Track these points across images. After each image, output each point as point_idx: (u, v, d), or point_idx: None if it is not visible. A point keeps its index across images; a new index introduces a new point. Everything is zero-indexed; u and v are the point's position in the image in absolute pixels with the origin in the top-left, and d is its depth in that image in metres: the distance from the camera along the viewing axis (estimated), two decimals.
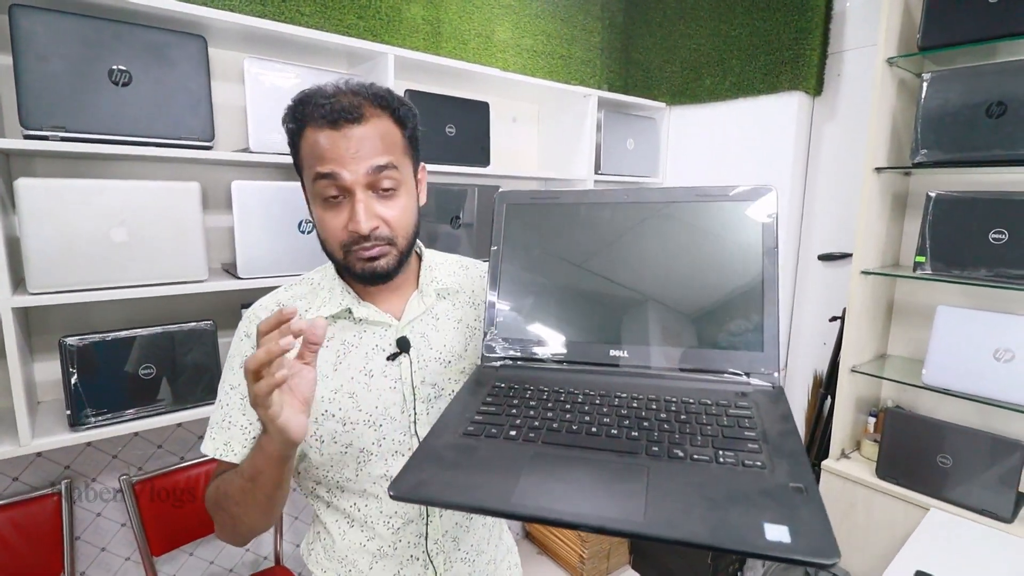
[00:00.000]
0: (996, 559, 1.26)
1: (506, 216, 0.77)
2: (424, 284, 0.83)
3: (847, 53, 1.92)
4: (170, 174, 1.45)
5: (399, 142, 0.75)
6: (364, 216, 0.71)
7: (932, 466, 1.49)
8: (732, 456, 0.54)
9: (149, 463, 1.55)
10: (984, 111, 1.41)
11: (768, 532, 0.45)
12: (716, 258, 0.69)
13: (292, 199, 1.42)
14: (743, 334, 0.66)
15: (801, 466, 0.52)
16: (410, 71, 1.72)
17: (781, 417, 0.59)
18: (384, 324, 0.80)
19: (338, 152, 0.69)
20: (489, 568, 0.89)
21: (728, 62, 2.10)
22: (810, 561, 0.42)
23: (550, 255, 0.75)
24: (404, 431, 0.78)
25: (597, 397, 0.65)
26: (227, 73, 1.50)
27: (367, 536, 0.80)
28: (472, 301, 0.87)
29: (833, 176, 2.00)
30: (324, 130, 0.70)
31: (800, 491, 0.48)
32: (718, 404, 0.62)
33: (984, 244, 1.41)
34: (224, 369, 0.79)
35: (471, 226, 1.83)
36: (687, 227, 0.70)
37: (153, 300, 1.28)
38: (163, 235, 1.25)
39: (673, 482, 0.51)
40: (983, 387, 1.42)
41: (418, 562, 0.80)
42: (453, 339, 0.83)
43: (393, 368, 0.78)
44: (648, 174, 2.34)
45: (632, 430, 0.59)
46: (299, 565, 1.87)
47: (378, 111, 0.72)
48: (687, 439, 0.57)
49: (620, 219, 0.73)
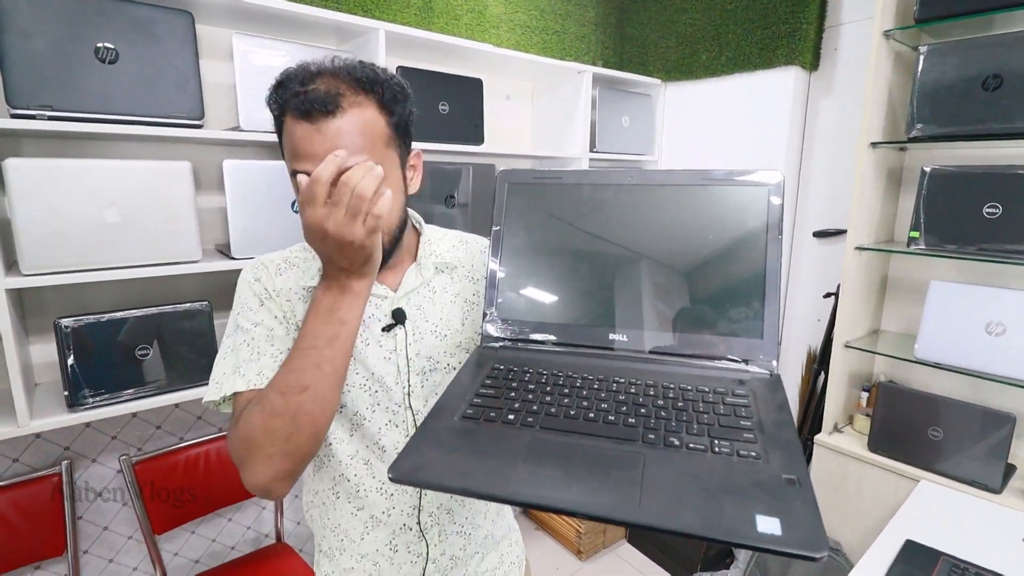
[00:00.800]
0: (985, 528, 1.28)
1: (508, 195, 0.76)
2: (422, 258, 0.83)
3: (844, 27, 1.90)
4: (160, 154, 1.44)
5: (381, 133, 0.69)
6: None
7: (923, 439, 1.51)
8: (727, 446, 0.54)
9: (148, 444, 1.56)
10: (980, 84, 1.40)
11: (760, 524, 0.46)
12: (719, 243, 0.68)
13: (285, 178, 1.40)
14: (743, 321, 0.66)
15: (795, 457, 0.52)
16: (402, 47, 1.69)
17: (777, 406, 0.60)
18: (380, 296, 0.79)
19: (312, 148, 0.65)
20: (487, 543, 0.90)
21: (724, 37, 2.07)
22: (798, 553, 0.44)
23: (551, 236, 0.74)
24: (398, 402, 0.78)
25: (595, 381, 0.65)
26: (216, 50, 1.48)
27: (357, 506, 0.80)
28: (471, 276, 0.86)
29: (829, 152, 1.99)
30: (300, 122, 0.65)
31: (793, 483, 0.49)
32: (715, 391, 0.62)
33: (978, 218, 1.42)
34: (234, 314, 0.77)
35: (466, 206, 1.83)
36: (691, 211, 0.69)
37: (147, 281, 1.28)
38: (155, 215, 1.24)
39: (668, 471, 0.52)
40: (975, 361, 1.44)
41: (411, 532, 0.81)
42: (450, 313, 0.82)
43: (388, 339, 0.78)
44: (643, 152, 2.32)
45: (629, 416, 0.59)
46: (301, 542, 1.90)
47: (360, 98, 0.67)
48: (683, 427, 0.57)
49: (623, 201, 0.72)
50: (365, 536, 0.81)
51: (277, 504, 1.71)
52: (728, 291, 0.67)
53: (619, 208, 0.72)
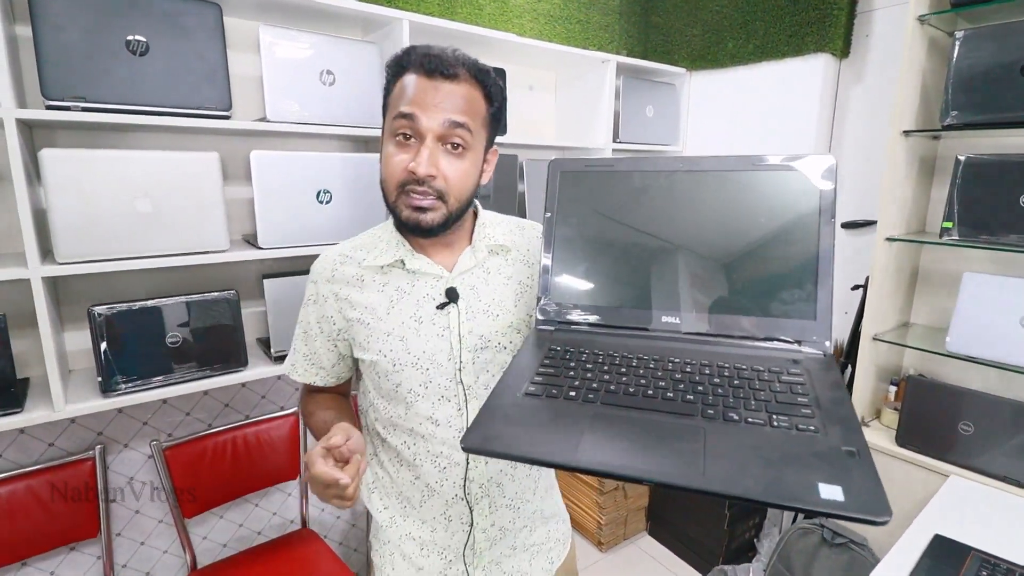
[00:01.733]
0: (1016, 524, 1.26)
1: (560, 183, 0.78)
2: (477, 240, 0.87)
3: (876, 12, 1.85)
4: (188, 145, 1.46)
5: (481, 111, 0.79)
6: (426, 161, 0.75)
7: (953, 433, 1.48)
8: (786, 420, 0.55)
9: (178, 430, 1.59)
10: (1019, 70, 1.35)
11: (823, 491, 0.46)
12: (771, 227, 0.68)
13: (310, 169, 1.42)
14: (796, 303, 0.66)
15: (853, 431, 0.53)
16: (425, 37, 1.69)
17: (833, 384, 0.60)
18: (435, 275, 0.84)
19: (423, 98, 0.74)
20: (535, 518, 0.93)
21: (752, 24, 2.03)
22: (862, 518, 0.44)
23: (604, 222, 0.75)
24: (450, 377, 0.82)
25: (651, 361, 0.66)
26: (243, 42, 1.50)
27: (415, 474, 0.86)
28: (526, 260, 0.90)
29: (859, 142, 1.94)
30: (419, 76, 0.75)
31: (852, 455, 0.50)
32: (770, 370, 0.63)
33: (1014, 208, 1.38)
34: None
35: (488, 197, 1.82)
36: (742, 195, 0.70)
37: (177, 270, 1.30)
38: (185, 206, 1.26)
39: (729, 443, 0.53)
40: (1008, 354, 1.40)
41: (463, 502, 0.86)
42: (503, 294, 0.86)
43: (442, 317, 0.82)
44: (668, 142, 2.30)
45: (687, 393, 0.60)
46: (325, 529, 1.93)
47: (472, 80, 0.77)
48: (741, 403, 0.58)
49: (674, 187, 0.73)
50: (423, 504, 0.87)
51: (302, 490, 1.74)
52: (781, 274, 0.67)
53: (670, 194, 0.73)
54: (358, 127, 1.50)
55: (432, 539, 0.88)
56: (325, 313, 0.87)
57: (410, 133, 0.76)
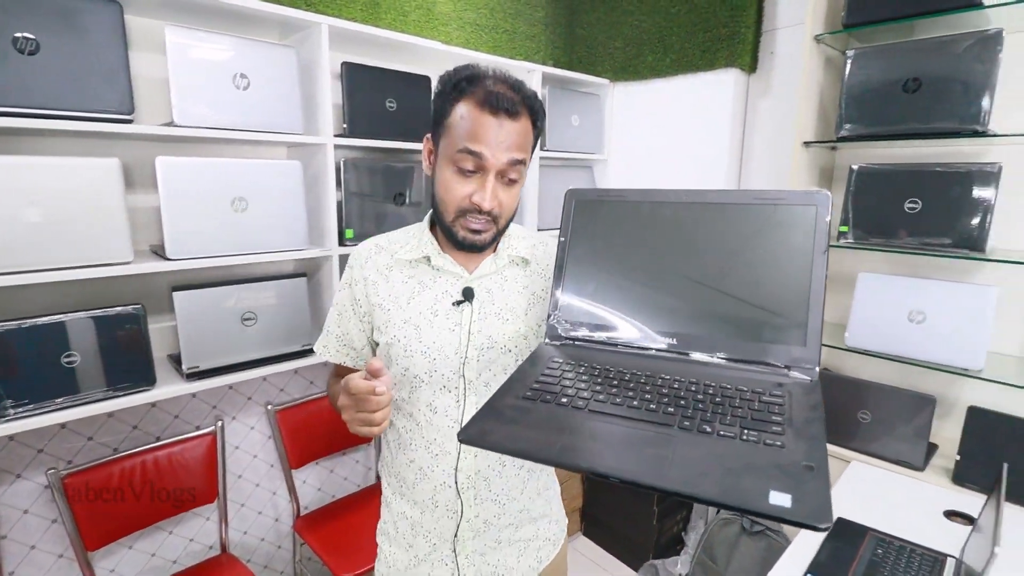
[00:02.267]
0: (909, 504, 1.37)
1: (574, 211, 0.84)
2: (500, 250, 0.94)
3: (779, 31, 1.98)
4: (89, 151, 1.36)
5: (531, 141, 0.87)
6: (491, 196, 0.82)
7: (854, 422, 1.59)
8: (755, 435, 0.59)
9: (79, 456, 1.48)
10: (902, 87, 1.48)
11: (772, 497, 0.50)
12: (767, 257, 0.73)
13: (224, 176, 1.36)
14: (788, 330, 0.70)
15: (817, 449, 0.57)
16: (347, 42, 1.67)
17: (811, 406, 0.64)
18: (456, 275, 0.91)
19: (490, 137, 0.80)
20: (522, 517, 0.98)
21: (668, 39, 2.13)
22: (805, 523, 0.48)
23: (612, 248, 0.81)
24: (454, 370, 0.88)
25: (643, 377, 0.71)
26: (148, 43, 1.42)
27: (410, 457, 0.93)
28: (543, 273, 0.96)
29: (767, 152, 2.07)
30: (484, 113, 0.80)
31: (810, 469, 0.54)
32: (753, 391, 0.67)
33: (901, 213, 1.51)
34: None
35: (418, 204, 1.81)
36: (742, 227, 0.75)
37: (75, 284, 1.22)
38: (82, 215, 1.18)
39: (697, 451, 0.58)
40: (899, 347, 1.53)
41: (450, 490, 0.91)
42: (515, 301, 0.92)
43: (455, 313, 0.89)
44: (593, 151, 2.36)
45: (669, 406, 0.65)
46: (247, 552, 1.84)
47: (525, 112, 0.84)
48: (717, 418, 0.63)
49: (680, 217, 0.78)
50: (416, 486, 0.93)
51: (221, 514, 1.66)
52: (774, 302, 0.72)
53: (675, 224, 0.78)
54: (276, 132, 1.45)
55: (421, 521, 0.94)
56: (356, 296, 0.94)
57: (474, 168, 0.82)
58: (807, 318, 0.69)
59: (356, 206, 1.66)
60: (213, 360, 1.42)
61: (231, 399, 1.73)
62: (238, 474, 1.79)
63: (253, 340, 1.48)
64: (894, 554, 1.15)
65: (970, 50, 1.38)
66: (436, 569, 0.95)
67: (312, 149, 1.60)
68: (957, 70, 1.40)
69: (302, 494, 1.93)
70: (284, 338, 1.54)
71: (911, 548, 1.17)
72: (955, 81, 1.41)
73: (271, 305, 1.50)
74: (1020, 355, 1.58)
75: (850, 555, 1.15)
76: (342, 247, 1.63)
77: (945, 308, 1.46)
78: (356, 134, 1.64)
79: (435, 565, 0.95)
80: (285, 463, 1.79)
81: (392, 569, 0.99)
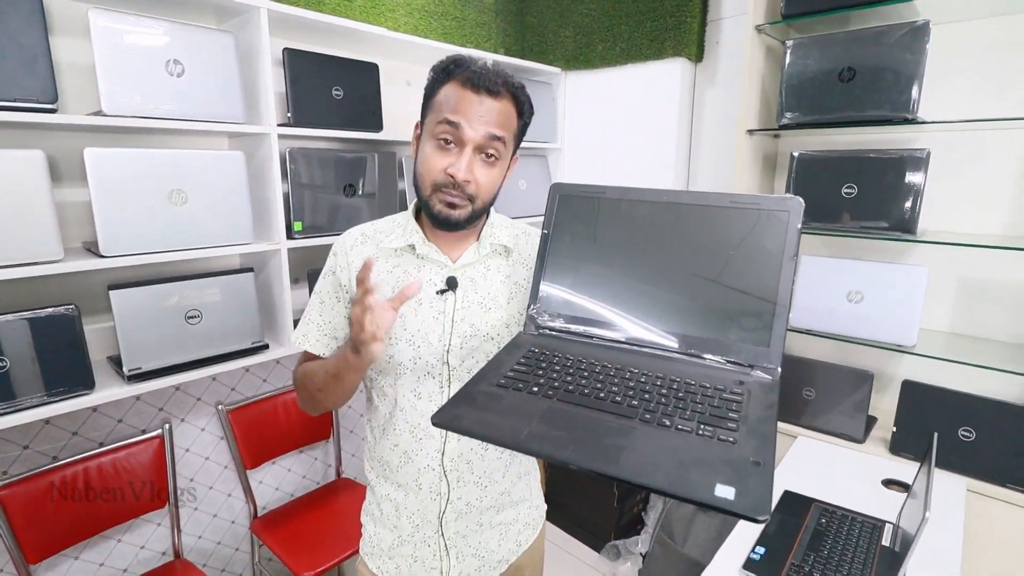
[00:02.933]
0: (851, 474, 1.44)
1: (558, 204, 0.87)
2: (483, 238, 0.95)
3: (724, 21, 2.02)
4: (8, 142, 1.28)
5: (514, 126, 0.89)
6: (465, 167, 0.84)
7: (799, 399, 1.66)
8: (710, 430, 0.63)
9: (15, 466, 1.40)
10: (837, 76, 1.54)
11: (718, 490, 0.54)
12: (738, 259, 0.75)
13: (160, 168, 1.30)
14: (753, 331, 0.73)
15: (767, 446, 0.60)
16: (288, 28, 1.61)
17: (767, 405, 0.67)
18: (440, 263, 0.92)
19: (469, 110, 0.83)
20: (503, 499, 1.00)
21: (618, 28, 2.14)
22: (744, 515, 0.52)
23: (591, 243, 0.84)
24: (438, 358, 0.91)
25: (612, 370, 0.74)
26: (72, 27, 1.34)
27: (394, 442, 0.95)
28: (526, 263, 0.97)
29: (714, 139, 2.12)
30: (466, 90, 0.83)
31: (757, 465, 0.57)
32: (715, 387, 0.70)
33: (839, 198, 1.57)
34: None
35: (372, 195, 1.78)
36: (716, 228, 0.77)
37: (5, 285, 1.15)
38: (5, 212, 1.12)
39: (654, 443, 0.61)
40: (839, 326, 1.60)
41: (434, 472, 0.94)
42: (498, 290, 0.94)
43: (439, 302, 0.91)
44: (547, 139, 2.37)
45: (633, 399, 0.68)
46: (203, 556, 1.79)
47: (508, 95, 0.86)
48: (677, 412, 0.66)
49: (657, 216, 0.81)
50: (399, 469, 0.95)
51: (173, 519, 1.60)
52: (742, 303, 0.74)
53: (652, 222, 0.81)
54: (215, 122, 1.40)
55: (405, 503, 0.96)
56: (342, 283, 0.95)
57: (452, 139, 0.84)
58: (772, 320, 0.72)
59: (304, 198, 1.62)
60: (157, 361, 1.37)
61: (179, 400, 1.67)
62: (189, 477, 1.73)
63: (199, 338, 1.43)
64: (837, 522, 1.21)
65: (900, 41, 1.44)
66: (419, 550, 0.98)
67: (255, 139, 1.55)
68: (889, 60, 1.46)
69: (259, 494, 1.89)
70: (232, 336, 1.49)
71: (852, 516, 1.23)
72: (887, 70, 1.47)
73: (216, 302, 1.45)
74: (949, 331, 1.68)
75: (796, 526, 1.21)
76: (290, 240, 1.59)
77: (881, 288, 1.53)
78: (301, 123, 1.59)
79: (418, 546, 0.98)
80: (240, 464, 1.75)
81: (376, 549, 1.01)
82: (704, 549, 1.76)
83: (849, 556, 1.10)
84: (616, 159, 2.28)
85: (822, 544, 1.14)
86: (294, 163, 1.58)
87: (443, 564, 0.98)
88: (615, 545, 2.12)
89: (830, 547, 1.13)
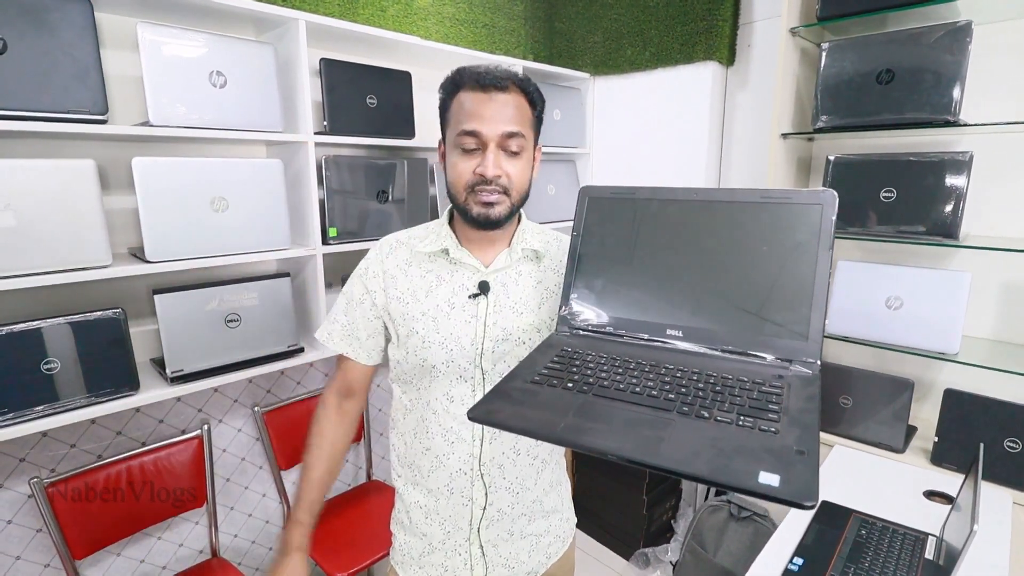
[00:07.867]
0: (890, 486, 1.40)
1: (587, 207, 0.87)
2: (515, 243, 0.96)
3: (756, 24, 2.00)
4: (64, 152, 1.34)
5: (529, 117, 0.90)
6: (492, 164, 0.85)
7: (836, 407, 1.63)
8: (751, 421, 0.61)
9: (62, 464, 1.45)
10: (875, 78, 1.51)
11: (762, 477, 0.52)
12: (774, 254, 0.74)
13: (203, 176, 1.34)
14: (791, 324, 0.72)
15: (810, 436, 0.58)
16: (324, 39, 1.65)
17: (808, 397, 0.65)
18: (473, 268, 0.93)
19: (482, 111, 0.84)
20: (535, 508, 1.00)
21: (647, 32, 2.14)
22: (792, 501, 0.50)
23: (623, 243, 0.84)
24: (470, 361, 0.91)
25: (647, 366, 0.73)
26: (121, 41, 1.39)
27: (426, 446, 0.95)
28: (556, 268, 0.98)
29: (746, 143, 2.10)
30: (476, 92, 0.85)
31: (801, 453, 0.55)
32: (754, 381, 0.68)
33: (876, 202, 1.54)
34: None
35: (402, 201, 1.80)
36: (750, 224, 0.76)
37: (54, 289, 1.19)
38: (57, 218, 1.16)
39: (693, 433, 0.60)
40: (878, 333, 1.56)
41: (466, 477, 0.93)
42: (529, 295, 0.95)
43: (472, 306, 0.92)
44: (575, 144, 2.37)
45: (670, 393, 0.67)
46: (239, 555, 1.83)
47: (518, 89, 0.88)
48: (715, 405, 0.65)
49: (688, 215, 0.80)
50: (431, 474, 0.95)
51: (210, 518, 1.64)
52: (779, 297, 0.73)
53: (683, 220, 0.81)
54: (255, 131, 1.43)
55: (436, 508, 0.96)
56: (371, 287, 0.96)
57: (475, 145, 0.86)
58: (810, 314, 0.71)
59: (339, 204, 1.65)
60: (197, 363, 1.41)
61: (217, 402, 1.71)
62: (226, 477, 1.77)
63: (237, 342, 1.47)
64: (877, 534, 1.18)
65: (940, 42, 1.41)
66: (450, 559, 0.98)
67: (292, 147, 1.58)
68: (928, 61, 1.43)
69: (293, 495, 1.92)
70: (269, 339, 1.53)
71: (893, 528, 1.20)
72: (927, 72, 1.44)
73: (254, 306, 1.49)
74: (993, 338, 1.63)
75: (835, 537, 1.18)
76: (325, 246, 1.62)
77: (921, 294, 1.49)
78: (337, 131, 1.62)
79: (448, 554, 0.98)
80: (274, 465, 1.78)
81: (407, 558, 1.01)
82: (736, 558, 1.74)
83: (891, 569, 1.08)
84: (645, 164, 2.27)
85: (863, 556, 1.11)
86: (329, 170, 1.61)
87: (473, 574, 0.97)
88: (644, 553, 2.10)
89: (871, 559, 1.11)
